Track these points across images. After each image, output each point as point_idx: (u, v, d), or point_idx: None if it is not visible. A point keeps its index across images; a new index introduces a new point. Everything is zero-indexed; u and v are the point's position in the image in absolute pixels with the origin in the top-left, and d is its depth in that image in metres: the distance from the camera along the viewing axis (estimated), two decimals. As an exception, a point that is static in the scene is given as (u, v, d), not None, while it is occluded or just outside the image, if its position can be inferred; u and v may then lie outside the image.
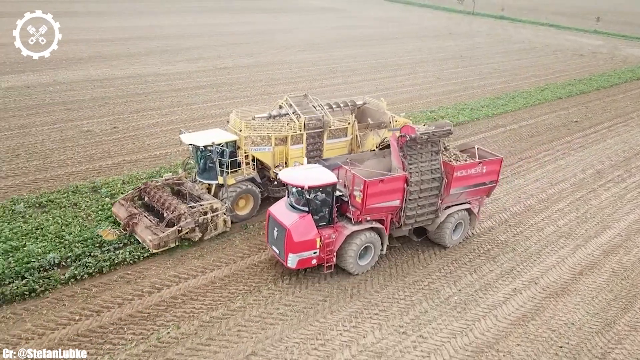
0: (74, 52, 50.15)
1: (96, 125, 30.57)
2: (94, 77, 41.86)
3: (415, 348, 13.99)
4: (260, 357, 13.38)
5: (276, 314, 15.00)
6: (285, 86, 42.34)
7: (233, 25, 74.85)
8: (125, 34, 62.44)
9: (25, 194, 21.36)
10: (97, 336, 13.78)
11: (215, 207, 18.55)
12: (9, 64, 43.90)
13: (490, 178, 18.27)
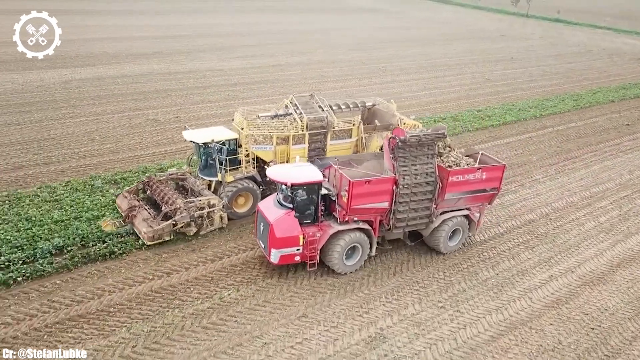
0: (138, 48, 53.50)
1: (160, 114, 33.04)
2: (157, 71, 44.71)
3: (452, 321, 15.16)
4: (310, 318, 14.91)
5: (325, 284, 16.49)
6: (335, 83, 43.93)
7: (287, 25, 77.13)
8: (184, 31, 65.72)
9: (102, 172, 23.78)
10: (168, 293, 15.68)
11: (212, 203, 18.82)
12: (82, 57, 47.42)
13: (491, 185, 17.54)
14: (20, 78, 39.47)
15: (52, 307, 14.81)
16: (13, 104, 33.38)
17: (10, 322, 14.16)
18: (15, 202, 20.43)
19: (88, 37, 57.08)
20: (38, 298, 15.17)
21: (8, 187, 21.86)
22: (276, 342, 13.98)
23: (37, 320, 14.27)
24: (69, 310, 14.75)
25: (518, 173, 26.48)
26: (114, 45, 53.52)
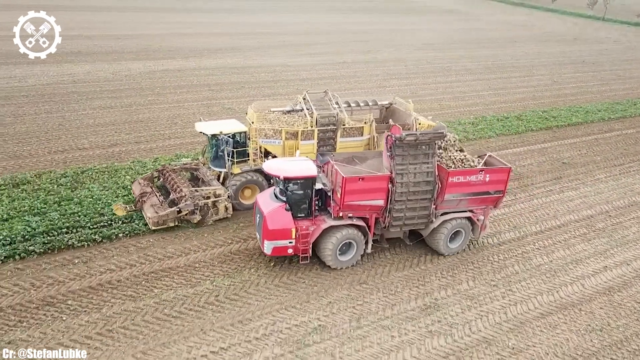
0: (214, 43, 56.79)
1: (235, 104, 35.52)
2: (231, 65, 47.55)
3: (503, 297, 16.20)
4: (370, 285, 16.44)
5: (385, 258, 17.94)
6: (400, 81, 45.06)
7: (355, 25, 78.69)
8: (256, 29, 68.78)
9: (185, 152, 26.33)
10: (245, 255, 17.68)
11: (218, 193, 19.39)
12: (164, 51, 51.14)
13: (496, 188, 17.18)
14: (110, 68, 43.29)
15: (147, 260, 17.16)
16: (105, 90, 36.94)
17: (114, 269, 16.60)
18: (113, 173, 23.21)
19: (169, 33, 61.16)
20: (135, 252, 17.58)
21: (107, 161, 24.78)
22: (339, 302, 15.60)
23: (136, 269, 16.63)
24: (161, 263, 17.04)
25: (580, 172, 26.70)
26: (193, 41, 57.12)
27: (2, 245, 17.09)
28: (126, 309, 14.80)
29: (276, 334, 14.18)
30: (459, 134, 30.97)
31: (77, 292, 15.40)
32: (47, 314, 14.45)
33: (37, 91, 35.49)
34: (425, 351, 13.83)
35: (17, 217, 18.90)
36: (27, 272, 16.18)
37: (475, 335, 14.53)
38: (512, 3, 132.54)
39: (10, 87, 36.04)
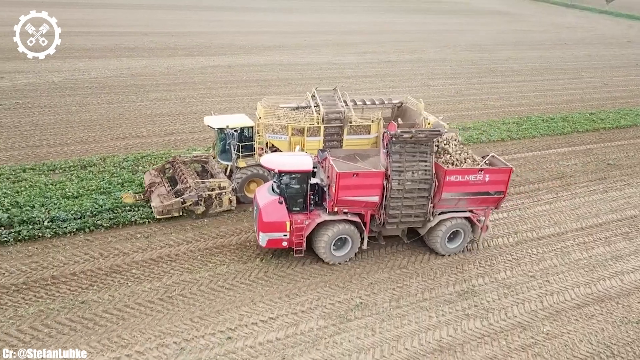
0: (262, 41, 58.46)
1: (282, 99, 36.79)
2: (279, 62, 49.00)
3: (540, 287, 16.69)
4: (409, 270, 17.27)
5: (425, 247, 18.63)
6: (444, 80, 45.36)
7: (401, 25, 79.02)
8: (303, 28, 70.22)
9: (235, 142, 27.77)
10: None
11: (222, 186, 19.77)
12: (215, 47, 53.17)
13: (496, 188, 16.83)
14: (165, 63, 45.48)
15: (202, 238, 18.54)
16: (161, 83, 39.00)
17: (172, 244, 18.05)
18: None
19: (219, 31, 63.35)
20: (191, 230, 19.00)
21: (164, 148, 26.50)
22: (380, 283, 16.50)
23: (192, 246, 18.03)
24: (215, 241, 18.39)
25: (626, 174, 26.55)
26: (242, 39, 59.00)
27: (74, 219, 18.83)
28: (184, 280, 16.17)
29: (320, 308, 15.21)
30: (502, 134, 31.27)
31: (139, 263, 16.90)
32: (114, 280, 15.99)
33: (99, 83, 37.86)
34: (461, 331, 14.56)
35: (85, 195, 20.68)
36: (95, 243, 17.83)
37: (511, 320, 15.13)
38: (563, 5, 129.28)
39: (75, 79, 38.58)
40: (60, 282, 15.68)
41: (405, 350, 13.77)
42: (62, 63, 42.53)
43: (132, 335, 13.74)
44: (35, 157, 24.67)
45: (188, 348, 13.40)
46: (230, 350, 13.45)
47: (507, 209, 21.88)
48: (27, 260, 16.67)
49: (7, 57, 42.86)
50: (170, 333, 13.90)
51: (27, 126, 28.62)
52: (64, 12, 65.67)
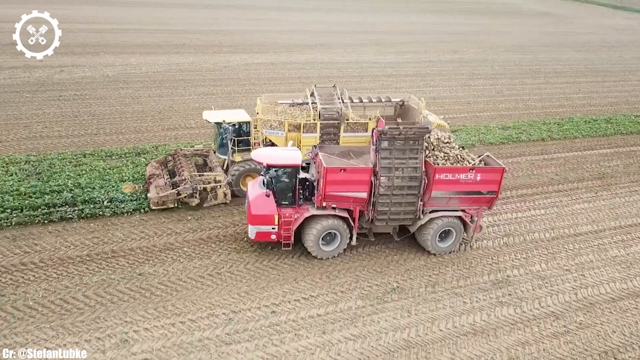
0: (303, 40, 59.59)
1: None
2: (319, 60, 49.99)
3: (575, 281, 17.02)
4: (445, 259, 17.88)
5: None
6: (485, 81, 45.35)
7: (442, 25, 78.77)
8: (343, 27, 71.05)
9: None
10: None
11: (218, 179, 20.22)
12: (257, 45, 54.65)
13: (488, 188, 16.69)
14: (211, 59, 47.13)
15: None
16: (207, 79, 40.60)
17: (221, 227, 19.25)
18: (216, 149, 26.16)
19: (262, 29, 64.90)
20: (238, 214, 20.11)
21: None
22: (416, 270, 17.20)
23: (239, 228, 19.15)
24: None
25: (669, 175, 26.28)
26: (285, 37, 60.32)
27: (130, 200, 20.27)
28: (231, 258, 17.30)
29: (358, 290, 16.04)
30: (542, 133, 31.30)
31: (190, 242, 18.14)
32: (167, 256, 17.26)
33: (150, 77, 39.76)
34: (494, 317, 15.11)
35: (140, 179, 22.13)
36: (150, 222, 19.20)
37: (544, 309, 15.57)
38: (612, 6, 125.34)
39: (127, 73, 40.62)
40: (119, 255, 17.06)
41: (439, 332, 14.44)
42: (115, 58, 44.74)
43: (184, 305, 14.92)
44: (93, 143, 26.44)
45: (236, 319, 14.47)
46: (275, 322, 14.45)
47: (544, 206, 22.16)
48: (89, 235, 18.16)
49: (65, 52, 45.41)
50: (219, 305, 15.01)
51: (85, 116, 30.55)
52: (118, 10, 68.76)
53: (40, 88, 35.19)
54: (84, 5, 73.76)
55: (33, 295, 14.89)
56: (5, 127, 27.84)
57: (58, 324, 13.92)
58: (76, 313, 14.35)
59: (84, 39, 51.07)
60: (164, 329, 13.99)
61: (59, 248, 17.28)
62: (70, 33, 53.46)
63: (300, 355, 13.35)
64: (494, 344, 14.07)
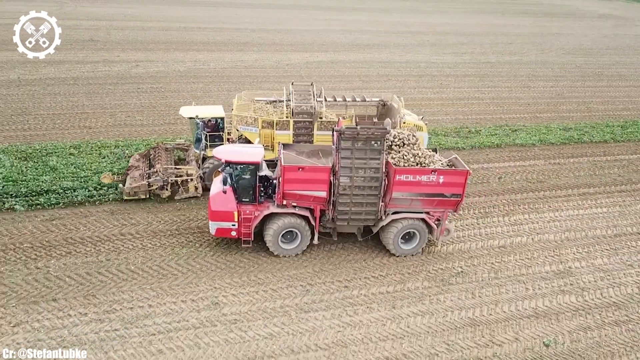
0: (361, 40, 60.74)
1: (383, 94, 38.78)
2: (378, 59, 50.99)
3: (637, 275, 17.46)
4: (508, 249, 18.68)
5: (522, 229, 19.90)
6: (545, 82, 45.10)
7: (500, 27, 78.06)
8: (401, 28, 71.73)
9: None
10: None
11: (189, 173, 20.70)
12: (317, 44, 56.24)
13: (452, 190, 16.41)
14: (273, 57, 49.06)
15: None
16: (271, 75, 42.45)
17: (293, 210, 20.65)
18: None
19: (321, 29, 66.57)
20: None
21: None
22: (479, 257, 18.14)
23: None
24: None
25: None
26: (343, 37, 61.67)
27: (210, 183, 22.07)
28: (304, 239, 18.69)
29: (424, 272, 17.12)
30: (605, 135, 31.22)
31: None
32: (197, 236, 18.64)
33: (217, 73, 42.01)
34: (556, 304, 15.85)
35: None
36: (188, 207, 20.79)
37: (606, 299, 16.16)
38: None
39: (197, 68, 43.04)
40: (204, 231, 18.78)
41: (502, 313, 15.34)
42: (185, 54, 47.39)
43: (265, 277, 16.45)
44: (172, 132, 28.62)
45: (312, 290, 15.88)
46: (347, 296, 15.76)
47: (606, 205, 22.50)
48: (177, 212, 20.05)
49: (139, 48, 48.51)
50: (296, 278, 16.46)
51: (162, 107, 32.89)
52: (184, 10, 72.17)
53: (120, 81, 37.99)
54: (151, 4, 77.81)
55: (133, 261, 16.82)
56: (94, 115, 30.50)
57: (157, 285, 15.74)
58: (171, 278, 16.14)
59: (154, 37, 54.22)
60: (249, 295, 15.56)
61: (151, 222, 19.23)
62: (142, 31, 57.00)
63: (372, 325, 14.58)
64: (556, 327, 14.84)
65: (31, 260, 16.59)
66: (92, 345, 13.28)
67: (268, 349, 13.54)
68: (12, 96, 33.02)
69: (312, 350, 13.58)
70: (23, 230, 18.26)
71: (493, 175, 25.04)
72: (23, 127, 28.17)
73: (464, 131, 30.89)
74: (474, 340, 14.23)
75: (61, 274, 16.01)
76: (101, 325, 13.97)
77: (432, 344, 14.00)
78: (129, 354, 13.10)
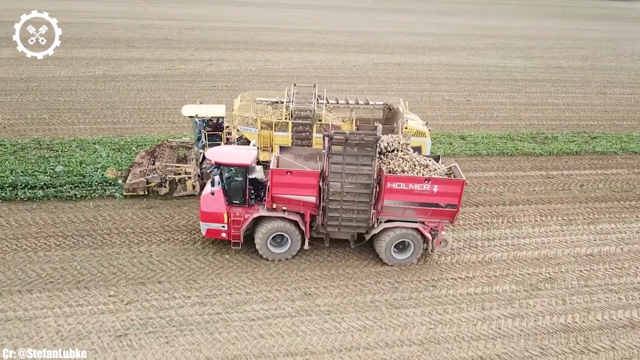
0: (426, 42, 60.49)
1: (453, 97, 38.67)
2: (445, 62, 50.65)
3: None
4: (596, 257, 18.34)
5: (612, 239, 19.49)
6: (622, 89, 43.57)
7: (569, 31, 75.79)
8: (464, 30, 70.85)
9: (415, 131, 30.30)
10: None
11: (188, 171, 20.81)
12: (382, 47, 56.45)
13: (447, 201, 15.75)
14: (340, 58, 49.67)
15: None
16: (339, 76, 43.06)
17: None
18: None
19: (385, 30, 66.75)
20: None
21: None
22: (567, 264, 17.91)
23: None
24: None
25: None
26: (407, 39, 61.65)
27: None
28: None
29: (511, 276, 17.12)
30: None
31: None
32: None
33: (288, 73, 42.98)
34: (653, 315, 15.51)
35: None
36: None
37: None
38: None
39: (267, 68, 44.24)
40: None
41: (596, 321, 15.15)
42: (254, 54, 48.77)
43: (353, 272, 16.92)
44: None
45: (401, 288, 16.22)
46: (436, 295, 16.01)
47: (699, 218, 21.63)
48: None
49: (210, 47, 50.32)
50: (383, 275, 16.84)
51: (238, 105, 34.12)
52: (251, 10, 74.05)
53: (196, 79, 39.61)
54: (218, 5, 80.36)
55: (227, 250, 17.66)
56: (175, 111, 31.96)
57: (252, 274, 16.52)
58: (264, 268, 16.88)
59: (223, 36, 56.09)
60: (339, 288, 16.08)
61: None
62: (211, 31, 59.08)
63: (463, 324, 14.77)
64: (655, 340, 14.56)
65: (134, 245, 17.78)
66: (198, 326, 14.16)
67: (363, 340, 13.99)
68: (99, 91, 35.12)
69: (405, 344, 13.93)
70: (124, 216, 19.55)
71: (574, 183, 24.55)
72: (113, 121, 29.98)
73: (540, 137, 30.34)
74: (568, 346, 14.16)
75: (162, 258, 17.08)
76: (204, 309, 14.85)
77: (525, 347, 14.05)
78: (232, 337, 13.88)
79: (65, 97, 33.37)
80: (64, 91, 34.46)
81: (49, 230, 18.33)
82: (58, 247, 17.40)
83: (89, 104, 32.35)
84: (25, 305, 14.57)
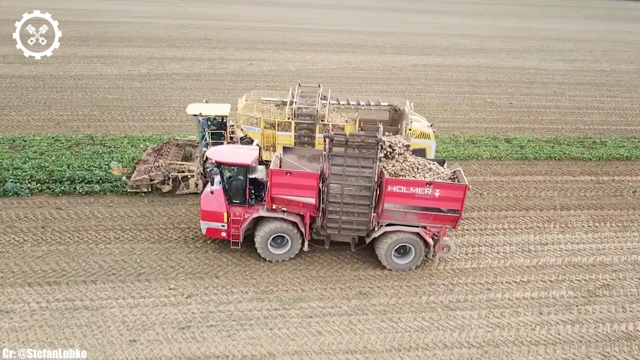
0: (464, 44, 59.87)
1: (495, 99, 38.21)
2: (484, 64, 50.05)
3: None
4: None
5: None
6: (665, 93, 42.36)
7: (610, 33, 74.06)
8: (502, 32, 69.92)
9: (460, 133, 30.13)
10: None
11: (191, 169, 21.00)
12: (419, 48, 56.14)
13: (449, 206, 15.42)
14: (378, 59, 49.62)
15: (447, 209, 21.21)
16: (379, 77, 43.04)
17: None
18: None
19: (422, 32, 66.42)
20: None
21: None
22: (624, 272, 17.59)
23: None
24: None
25: None
26: (445, 40, 61.17)
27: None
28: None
29: (567, 282, 16.90)
30: None
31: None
32: None
33: (327, 73, 43.20)
34: None
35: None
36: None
37: None
38: None
39: (306, 69, 44.53)
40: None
41: (660, 330, 14.86)
42: (293, 54, 49.15)
43: (407, 273, 16.91)
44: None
45: (456, 290, 16.19)
46: (492, 298, 15.93)
47: None
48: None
49: (250, 47, 50.93)
50: (437, 277, 16.84)
51: (281, 104, 34.44)
52: (286, 11, 74.62)
53: (237, 78, 40.16)
54: (254, 5, 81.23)
55: (280, 247, 17.89)
56: (220, 109, 32.57)
57: (306, 272, 16.72)
58: (319, 266, 17.07)
59: (261, 37, 56.67)
60: (393, 289, 16.15)
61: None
62: (249, 31, 59.76)
63: (522, 329, 14.66)
64: None
65: (190, 240, 18.20)
66: (258, 321, 14.42)
67: (421, 341, 14.03)
68: (145, 89, 35.96)
69: (464, 347, 13.91)
70: (178, 212, 20.02)
71: (626, 189, 24.04)
72: (160, 118, 30.67)
73: (588, 142, 29.76)
74: (631, 354, 13.92)
75: (218, 254, 17.44)
76: (262, 304, 15.11)
77: (586, 354, 13.87)
78: (291, 333, 14.09)
79: (113, 94, 34.28)
80: (111, 89, 35.41)
81: (108, 224, 18.91)
82: (117, 240, 17.93)
83: (136, 102, 33.17)
84: (91, 296, 15.09)
